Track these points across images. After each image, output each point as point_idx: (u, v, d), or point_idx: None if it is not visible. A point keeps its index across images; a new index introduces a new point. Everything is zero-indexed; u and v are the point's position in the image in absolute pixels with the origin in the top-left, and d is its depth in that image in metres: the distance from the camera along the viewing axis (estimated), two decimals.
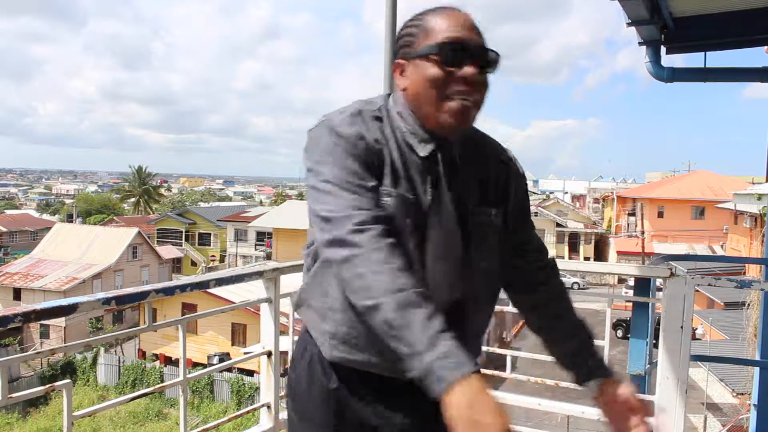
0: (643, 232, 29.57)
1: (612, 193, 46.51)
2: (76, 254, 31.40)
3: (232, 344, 21.63)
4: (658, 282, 2.54)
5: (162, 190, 66.82)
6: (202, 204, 59.59)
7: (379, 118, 1.15)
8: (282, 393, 2.29)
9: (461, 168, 1.19)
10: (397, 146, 1.14)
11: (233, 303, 3.57)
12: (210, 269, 38.37)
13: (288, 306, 2.33)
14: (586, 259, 37.97)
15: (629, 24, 3.48)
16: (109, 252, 31.74)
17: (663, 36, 3.75)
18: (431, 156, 1.14)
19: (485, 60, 1.11)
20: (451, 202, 1.16)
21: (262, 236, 38.82)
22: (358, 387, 1.20)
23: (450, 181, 1.16)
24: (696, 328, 19.33)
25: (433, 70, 1.10)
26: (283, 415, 2.26)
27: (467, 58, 1.09)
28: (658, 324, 2.41)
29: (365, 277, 0.97)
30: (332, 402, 1.22)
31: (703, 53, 3.85)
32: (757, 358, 3.31)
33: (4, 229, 44.17)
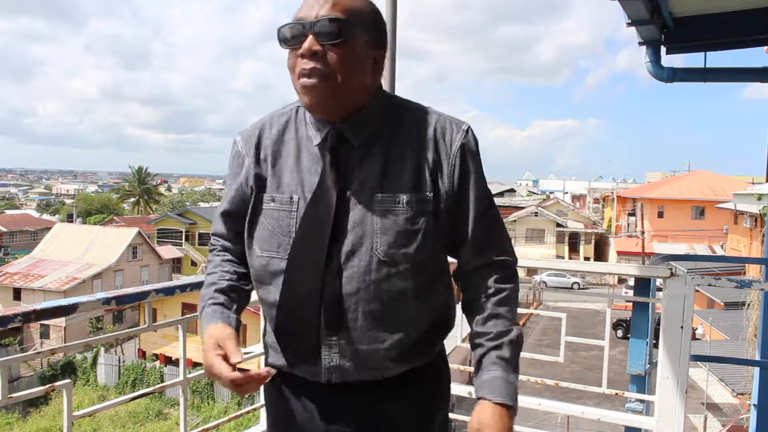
0: (643, 232, 29.56)
1: (612, 193, 46.51)
2: (76, 254, 31.39)
3: None
4: (658, 282, 2.54)
5: (162, 190, 66.87)
6: (202, 204, 59.52)
7: (288, 119, 1.21)
8: None
9: (365, 152, 1.14)
10: (296, 144, 1.18)
11: None
12: None
13: None
14: (586, 259, 37.98)
15: (629, 24, 3.48)
16: (109, 252, 31.73)
17: (663, 36, 3.75)
18: (323, 143, 1.15)
19: (319, 31, 1.07)
20: (335, 190, 1.11)
21: None
22: (289, 388, 1.23)
23: (343, 167, 1.13)
24: (696, 328, 19.32)
25: (287, 58, 1.13)
26: None
27: (303, 35, 1.08)
28: (658, 324, 2.41)
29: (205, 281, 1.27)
30: (273, 402, 1.28)
31: (703, 53, 3.85)
32: (757, 358, 3.31)
33: (4, 229, 44.15)
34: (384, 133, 1.16)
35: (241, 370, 1.07)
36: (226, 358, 1.08)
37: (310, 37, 1.07)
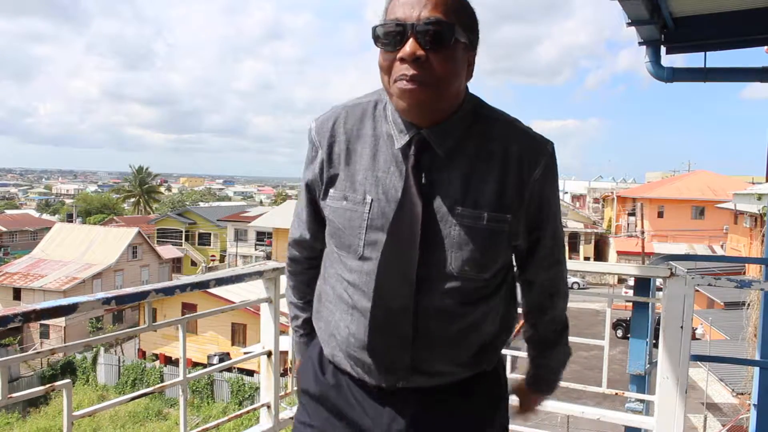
0: (643, 232, 29.55)
1: (612, 193, 46.49)
2: (76, 254, 31.37)
3: (232, 344, 21.61)
4: (658, 282, 2.54)
5: (162, 189, 66.86)
6: (202, 204, 59.53)
7: (364, 112, 1.16)
8: (282, 393, 2.29)
9: (448, 161, 1.10)
10: (373, 142, 1.13)
11: (233, 303, 3.57)
12: (210, 269, 38.33)
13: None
14: (586, 259, 37.95)
15: (629, 24, 3.48)
16: (109, 252, 31.72)
17: (663, 36, 3.75)
18: (407, 147, 1.10)
19: (421, 35, 1.01)
20: (419, 199, 1.08)
21: (262, 236, 38.81)
22: (348, 387, 1.20)
23: (425, 174, 1.09)
24: (696, 328, 19.32)
25: (379, 56, 1.07)
26: (283, 414, 2.26)
27: (404, 37, 1.02)
28: (658, 324, 2.41)
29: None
30: (326, 398, 1.24)
31: (703, 53, 3.85)
32: (757, 358, 3.31)
33: (4, 229, 44.12)
34: (469, 145, 1.11)
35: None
36: None
37: (412, 40, 1.01)
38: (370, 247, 1.10)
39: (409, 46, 1.01)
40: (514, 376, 2.99)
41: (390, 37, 1.03)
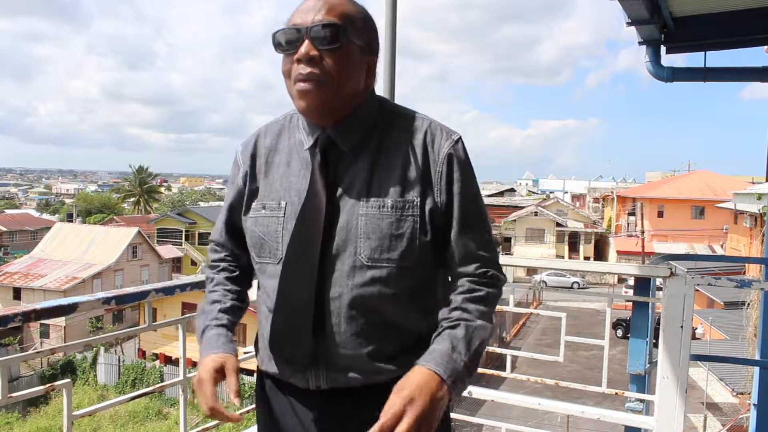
0: (643, 232, 29.57)
1: (612, 192, 46.50)
2: (76, 254, 31.38)
3: None
4: (658, 281, 2.54)
5: (162, 189, 66.86)
6: (202, 204, 59.48)
7: (282, 127, 1.24)
8: None
9: (354, 157, 1.14)
10: (288, 151, 1.20)
11: None
12: None
13: None
14: (586, 258, 37.97)
15: (629, 24, 3.48)
16: (109, 251, 31.71)
17: (663, 36, 3.75)
18: (313, 148, 1.16)
19: (315, 37, 1.07)
20: (324, 194, 1.11)
21: None
22: (281, 394, 1.22)
23: (332, 171, 1.14)
24: (696, 328, 19.33)
25: (281, 63, 1.14)
26: None
27: (300, 41, 1.08)
28: (658, 323, 2.41)
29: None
30: (264, 407, 1.26)
31: (703, 53, 3.85)
32: (757, 357, 3.31)
33: (4, 229, 44.11)
34: (373, 139, 1.16)
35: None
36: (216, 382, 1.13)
37: (307, 42, 1.08)
38: (286, 248, 1.14)
39: (304, 47, 1.08)
40: (514, 375, 3.00)
41: (288, 41, 1.10)
